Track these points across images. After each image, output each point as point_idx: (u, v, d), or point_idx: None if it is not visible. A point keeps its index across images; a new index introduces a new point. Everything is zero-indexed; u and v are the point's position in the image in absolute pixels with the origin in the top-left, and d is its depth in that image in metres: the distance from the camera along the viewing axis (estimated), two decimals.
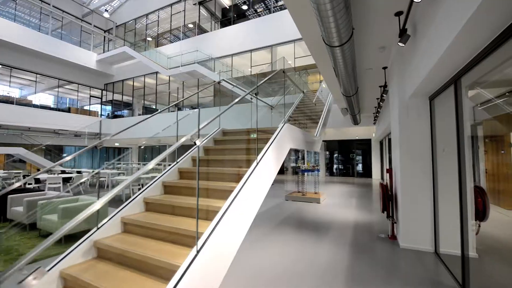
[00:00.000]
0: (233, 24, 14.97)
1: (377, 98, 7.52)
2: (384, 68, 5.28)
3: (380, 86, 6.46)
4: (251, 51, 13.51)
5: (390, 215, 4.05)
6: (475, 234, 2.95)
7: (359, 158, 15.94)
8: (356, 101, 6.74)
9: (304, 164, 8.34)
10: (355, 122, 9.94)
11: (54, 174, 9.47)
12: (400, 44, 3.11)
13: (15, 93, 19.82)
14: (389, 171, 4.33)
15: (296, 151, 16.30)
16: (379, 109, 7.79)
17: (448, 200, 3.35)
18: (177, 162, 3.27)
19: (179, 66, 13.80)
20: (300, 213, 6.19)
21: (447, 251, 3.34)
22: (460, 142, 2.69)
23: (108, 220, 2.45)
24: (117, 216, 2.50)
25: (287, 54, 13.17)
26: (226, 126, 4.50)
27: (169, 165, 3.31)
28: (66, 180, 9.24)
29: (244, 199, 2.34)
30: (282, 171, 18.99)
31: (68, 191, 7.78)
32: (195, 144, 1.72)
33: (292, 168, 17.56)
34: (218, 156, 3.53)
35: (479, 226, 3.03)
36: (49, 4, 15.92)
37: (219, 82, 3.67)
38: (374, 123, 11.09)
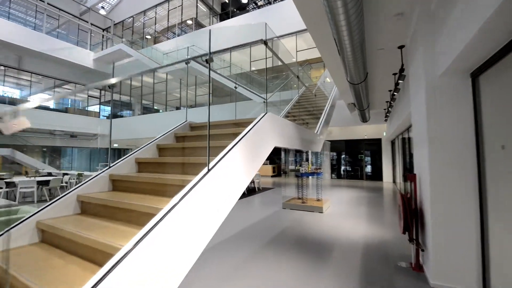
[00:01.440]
0: (232, 17, 14.07)
1: (390, 90, 6.44)
2: (400, 47, 4.24)
3: (394, 74, 5.41)
4: (250, 45, 12.57)
5: (414, 237, 2.97)
6: None
7: (368, 159, 14.72)
8: (364, 92, 5.67)
9: (306, 166, 7.29)
10: (364, 119, 8.81)
11: (31, 177, 8.71)
12: None
13: (15, 93, 19.54)
14: (413, 177, 3.24)
15: (298, 151, 15.19)
16: (392, 102, 6.68)
17: (508, 219, 2.27)
18: (109, 167, 2.31)
19: (174, 63, 12.99)
20: (298, 227, 5.13)
21: None
22: None
23: None
24: None
25: (289, 48, 12.25)
26: (204, 119, 3.49)
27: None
28: (45, 184, 8.45)
29: (174, 228, 1.36)
30: (279, 173, 17.85)
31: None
32: None
33: (292, 171, 16.45)
34: (170, 158, 2.55)
35: None
36: (43, 1, 15.41)
37: (187, 63, 2.97)
38: (385, 120, 9.94)
